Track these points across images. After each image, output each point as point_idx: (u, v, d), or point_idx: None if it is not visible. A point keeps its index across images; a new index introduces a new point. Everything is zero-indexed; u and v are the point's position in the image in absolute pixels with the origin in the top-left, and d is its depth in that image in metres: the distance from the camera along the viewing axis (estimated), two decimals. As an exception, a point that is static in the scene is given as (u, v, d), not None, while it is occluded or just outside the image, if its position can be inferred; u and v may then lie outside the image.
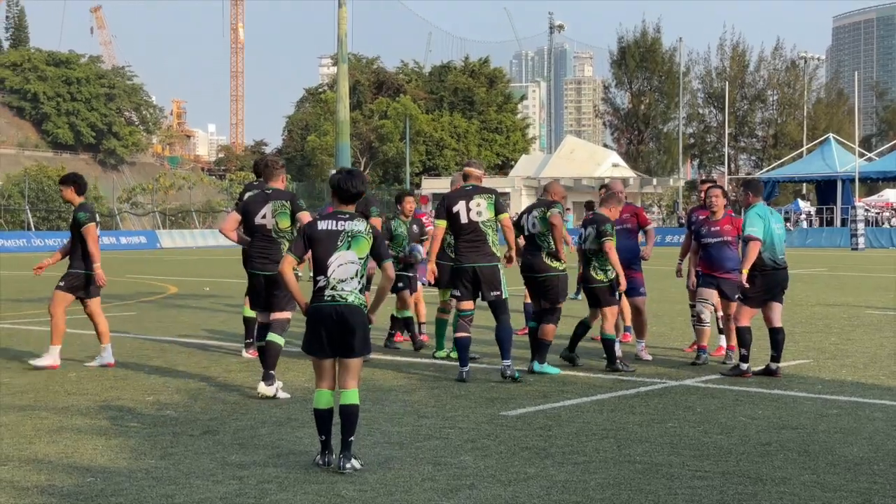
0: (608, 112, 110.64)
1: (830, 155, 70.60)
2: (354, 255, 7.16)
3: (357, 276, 7.16)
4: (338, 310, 7.09)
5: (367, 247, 7.20)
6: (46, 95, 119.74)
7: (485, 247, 10.89)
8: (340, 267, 7.13)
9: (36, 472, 7.03)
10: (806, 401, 9.89)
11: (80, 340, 14.40)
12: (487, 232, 10.90)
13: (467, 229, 10.90)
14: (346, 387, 7.16)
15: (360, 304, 7.15)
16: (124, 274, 32.28)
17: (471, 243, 10.90)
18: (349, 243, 7.17)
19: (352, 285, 7.13)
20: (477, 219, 10.87)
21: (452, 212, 10.95)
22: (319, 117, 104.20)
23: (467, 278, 10.93)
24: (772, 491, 6.60)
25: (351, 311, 7.09)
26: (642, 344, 12.72)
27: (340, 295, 7.11)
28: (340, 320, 7.07)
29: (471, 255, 10.89)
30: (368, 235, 7.22)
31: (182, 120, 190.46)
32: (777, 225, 11.40)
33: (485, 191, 11.05)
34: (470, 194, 10.99)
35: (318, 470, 7.07)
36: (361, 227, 7.22)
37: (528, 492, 6.56)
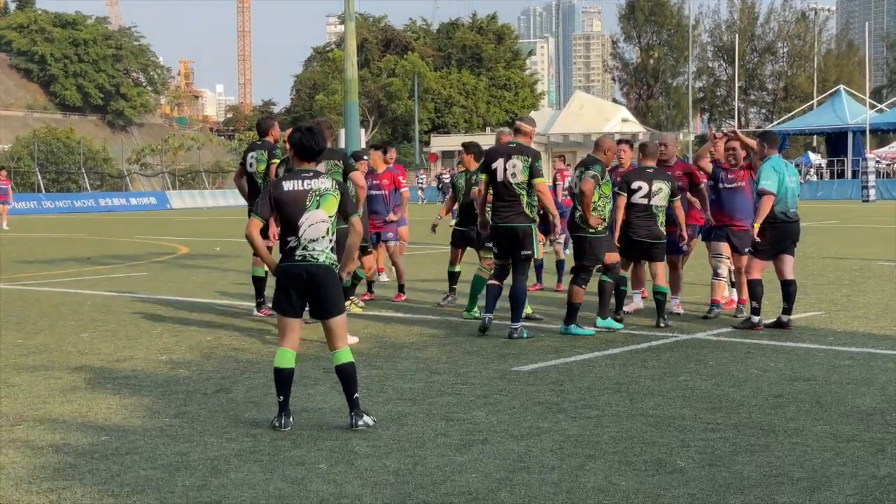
0: (617, 67, 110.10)
1: (841, 107, 70.24)
2: (324, 213, 7.07)
3: (328, 234, 7.09)
4: (308, 269, 7.02)
5: (335, 204, 7.11)
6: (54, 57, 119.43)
7: (518, 206, 10.75)
8: (312, 227, 7.05)
9: (50, 431, 7.06)
10: (818, 352, 9.88)
11: (91, 301, 14.44)
12: (521, 193, 10.74)
13: (501, 188, 10.80)
14: (337, 347, 7.12)
15: (330, 264, 7.09)
16: (134, 235, 32.34)
17: (505, 202, 10.80)
18: (318, 202, 7.07)
19: (322, 244, 7.06)
20: (511, 180, 10.73)
21: (491, 168, 10.88)
22: (328, 76, 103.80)
23: (501, 237, 10.89)
24: (784, 442, 6.61)
25: (322, 270, 7.04)
26: (677, 299, 12.58)
27: (311, 255, 7.04)
28: (311, 280, 7.02)
29: (504, 213, 10.81)
30: (335, 192, 7.13)
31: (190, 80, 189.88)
32: (791, 178, 11.34)
33: (524, 151, 10.83)
34: (510, 153, 10.80)
35: (331, 427, 7.09)
36: (328, 184, 7.14)
37: (541, 446, 6.57)
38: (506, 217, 10.80)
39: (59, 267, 20.40)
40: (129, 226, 39.23)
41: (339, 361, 7.11)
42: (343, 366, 7.09)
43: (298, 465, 6.21)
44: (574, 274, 11.16)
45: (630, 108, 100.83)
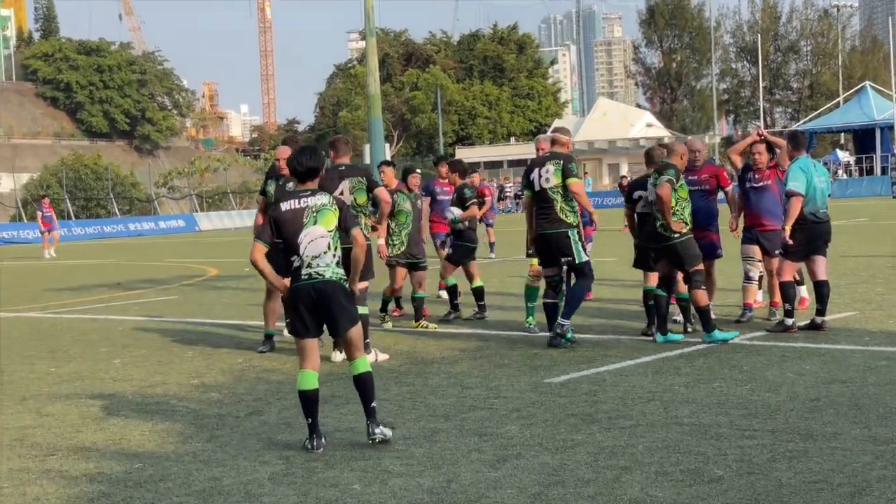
0: (640, 72, 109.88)
1: (867, 103, 69.67)
2: (323, 228, 7.09)
3: (330, 249, 7.09)
4: (315, 287, 7.03)
5: (333, 219, 7.13)
6: (79, 84, 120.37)
7: (552, 213, 10.81)
8: (311, 243, 7.07)
9: (84, 459, 7.06)
10: (854, 354, 9.76)
11: (122, 326, 14.48)
12: (555, 198, 10.79)
13: (539, 197, 10.91)
14: (354, 357, 7.17)
15: (337, 279, 7.09)
16: (164, 258, 32.47)
17: (542, 210, 10.90)
18: (315, 218, 7.10)
19: (326, 260, 7.06)
20: (546, 185, 10.81)
21: (530, 180, 11.01)
22: (350, 92, 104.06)
23: (542, 245, 10.99)
24: (823, 447, 6.51)
25: (329, 286, 7.04)
26: None
27: (317, 272, 7.04)
28: (319, 297, 7.03)
29: (541, 222, 10.90)
30: (333, 207, 7.16)
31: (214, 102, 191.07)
32: (820, 178, 11.21)
33: (557, 156, 10.93)
34: (544, 161, 10.93)
35: (364, 446, 7.05)
36: (325, 200, 7.17)
37: (576, 459, 6.51)
38: (541, 225, 10.89)
39: (89, 293, 20.49)
40: (159, 249, 39.41)
41: (357, 371, 7.14)
42: (359, 375, 7.12)
43: (332, 486, 6.18)
44: (688, 282, 10.89)
45: (654, 113, 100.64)
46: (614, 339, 11.20)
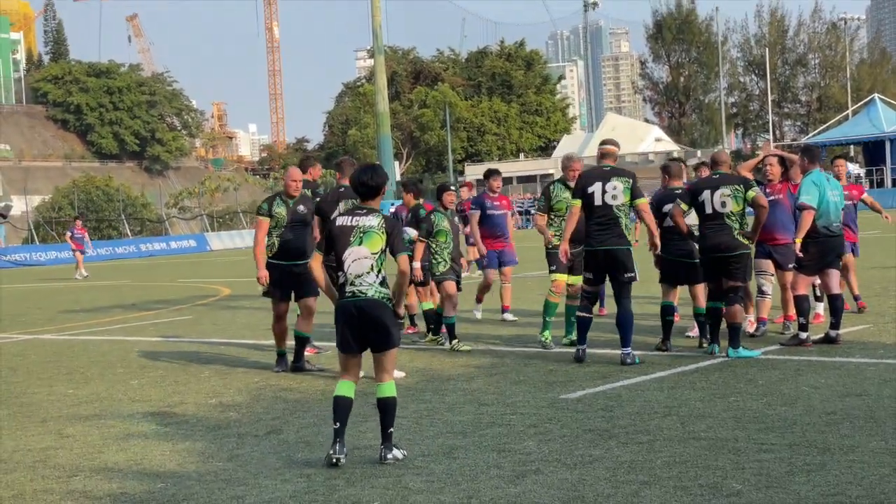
0: (647, 87, 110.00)
1: (877, 115, 69.66)
2: (367, 250, 7.20)
3: (373, 270, 7.19)
4: (357, 304, 7.16)
5: (379, 242, 7.21)
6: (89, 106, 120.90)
7: (617, 229, 10.67)
8: (355, 262, 7.20)
9: (107, 480, 7.13)
10: (869, 367, 9.79)
11: (139, 347, 14.56)
12: (620, 216, 10.67)
13: (600, 212, 10.68)
14: (381, 381, 7.25)
15: (381, 298, 7.17)
16: (177, 278, 32.59)
17: (602, 226, 10.68)
18: (361, 238, 7.22)
19: (369, 279, 7.17)
20: (612, 202, 10.65)
21: (587, 192, 10.73)
22: (359, 110, 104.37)
23: (598, 260, 10.77)
24: (840, 460, 6.55)
25: (371, 304, 7.15)
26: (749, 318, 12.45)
27: (359, 290, 7.17)
28: (361, 315, 7.15)
29: (603, 237, 10.69)
30: (381, 231, 7.23)
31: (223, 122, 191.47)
32: (833, 192, 11.28)
33: (623, 174, 10.83)
34: (608, 176, 10.73)
35: (384, 463, 7.10)
36: (374, 222, 7.25)
37: (594, 474, 6.55)
38: (603, 240, 10.69)
39: (105, 315, 20.59)
40: (171, 270, 39.54)
41: (382, 394, 7.21)
42: (384, 400, 7.20)
43: (354, 503, 6.22)
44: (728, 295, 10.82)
45: (663, 127, 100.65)
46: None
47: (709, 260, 10.95)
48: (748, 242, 10.87)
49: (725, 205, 10.77)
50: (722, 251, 10.80)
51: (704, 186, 10.97)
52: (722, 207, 10.77)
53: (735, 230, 10.77)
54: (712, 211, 10.83)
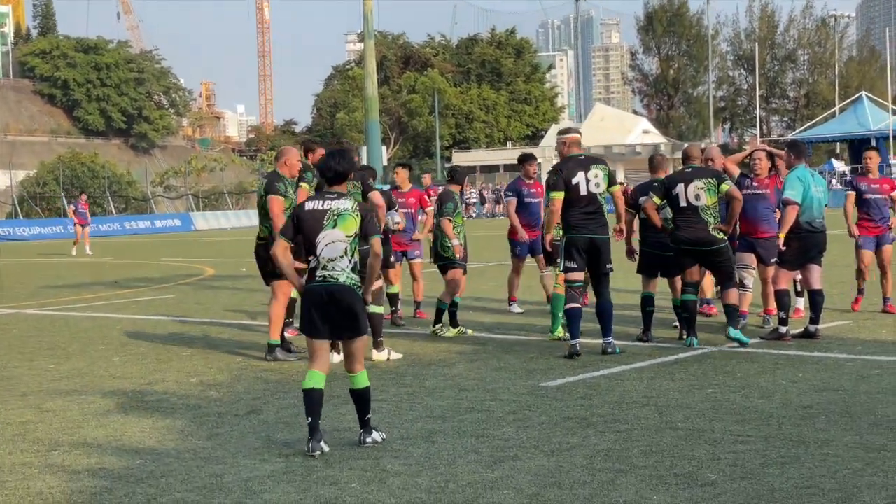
0: (637, 79, 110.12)
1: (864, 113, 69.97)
2: (341, 233, 7.10)
3: (346, 254, 7.10)
4: (328, 289, 7.06)
5: (353, 224, 7.13)
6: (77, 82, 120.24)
7: (602, 218, 10.61)
8: (328, 246, 7.09)
9: (86, 455, 7.15)
10: (846, 362, 9.88)
11: (121, 324, 14.56)
12: (603, 203, 10.63)
13: (585, 200, 10.56)
14: (353, 371, 7.16)
15: (351, 284, 7.10)
16: (160, 257, 32.54)
17: (589, 214, 10.57)
18: (335, 221, 7.11)
19: (342, 264, 7.08)
20: (595, 190, 10.56)
21: (572, 183, 10.56)
22: (348, 94, 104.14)
23: (583, 248, 10.61)
24: (815, 453, 6.62)
25: (342, 290, 7.06)
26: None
27: (331, 275, 7.07)
28: (332, 300, 7.05)
29: (590, 225, 10.58)
30: (355, 213, 7.15)
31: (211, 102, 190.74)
32: (818, 188, 11.36)
33: (599, 161, 10.85)
34: (587, 164, 10.65)
35: (363, 446, 7.13)
36: (348, 205, 7.16)
37: (572, 461, 6.61)
38: (590, 228, 10.59)
39: (87, 291, 20.56)
40: (155, 248, 39.47)
41: (354, 386, 7.16)
42: (357, 391, 7.14)
43: (332, 484, 6.27)
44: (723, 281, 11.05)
45: (651, 120, 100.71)
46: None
47: (682, 252, 11.00)
48: (723, 236, 10.93)
49: (699, 198, 10.83)
50: (700, 245, 10.87)
51: (678, 180, 11.01)
52: (696, 200, 10.84)
53: (710, 224, 10.83)
54: (686, 204, 10.88)
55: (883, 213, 13.13)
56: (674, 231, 11.08)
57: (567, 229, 10.70)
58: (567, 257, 10.72)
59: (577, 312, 10.63)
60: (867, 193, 13.02)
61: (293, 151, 11.47)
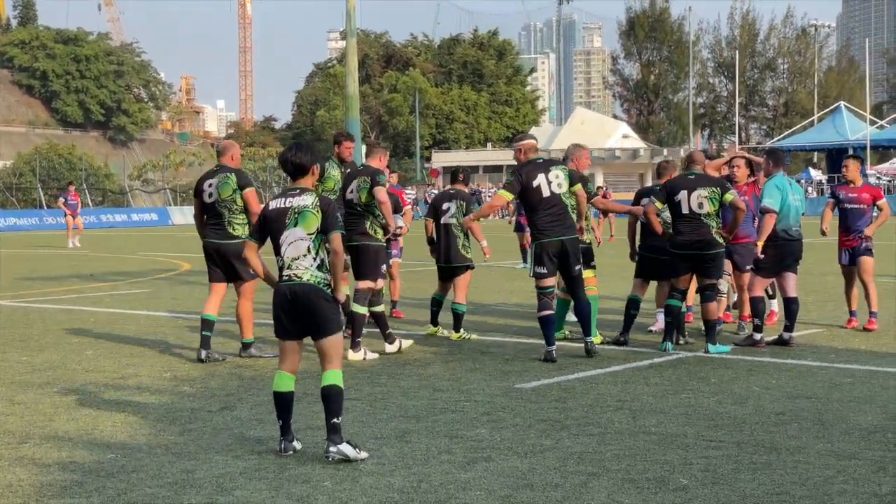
0: (617, 83, 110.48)
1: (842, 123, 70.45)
2: (303, 231, 6.91)
3: (310, 252, 6.90)
4: (292, 289, 6.87)
5: (315, 221, 6.91)
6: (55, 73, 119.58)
7: (567, 219, 10.51)
8: (291, 245, 6.92)
9: (57, 448, 7.10)
10: (819, 370, 9.92)
11: (95, 318, 14.48)
12: (568, 203, 10.54)
13: (549, 203, 10.47)
14: (324, 369, 6.94)
15: (317, 282, 6.88)
16: (136, 251, 32.40)
17: (555, 217, 10.47)
18: (296, 220, 6.93)
19: (305, 263, 6.89)
20: (558, 191, 10.48)
21: (532, 186, 10.48)
22: (329, 92, 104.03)
23: (554, 252, 10.50)
24: (787, 460, 6.64)
25: (307, 289, 6.86)
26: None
27: (295, 274, 6.89)
28: (295, 300, 6.86)
29: (557, 227, 10.46)
30: (316, 209, 6.93)
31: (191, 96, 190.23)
32: (795, 196, 11.41)
33: (557, 162, 10.83)
34: (546, 166, 10.59)
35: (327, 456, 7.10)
36: (308, 201, 6.95)
37: (545, 464, 6.61)
38: (557, 231, 10.47)
39: (61, 284, 20.45)
40: (131, 242, 39.30)
41: (324, 383, 6.89)
42: (326, 388, 6.86)
43: (304, 482, 6.25)
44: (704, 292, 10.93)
45: (631, 124, 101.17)
46: (577, 347, 11.28)
47: (682, 256, 10.92)
48: (722, 241, 10.92)
49: (702, 206, 10.76)
50: (700, 248, 10.80)
51: (681, 186, 10.90)
52: (699, 208, 10.76)
53: (713, 228, 10.81)
54: (689, 211, 10.79)
55: (856, 224, 12.78)
56: (674, 236, 11.02)
57: (535, 234, 10.62)
58: (537, 262, 10.62)
59: (551, 319, 10.57)
60: (844, 203, 12.87)
61: (237, 146, 11.39)
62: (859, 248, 12.74)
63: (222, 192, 10.84)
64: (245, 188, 10.80)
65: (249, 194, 10.80)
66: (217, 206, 10.88)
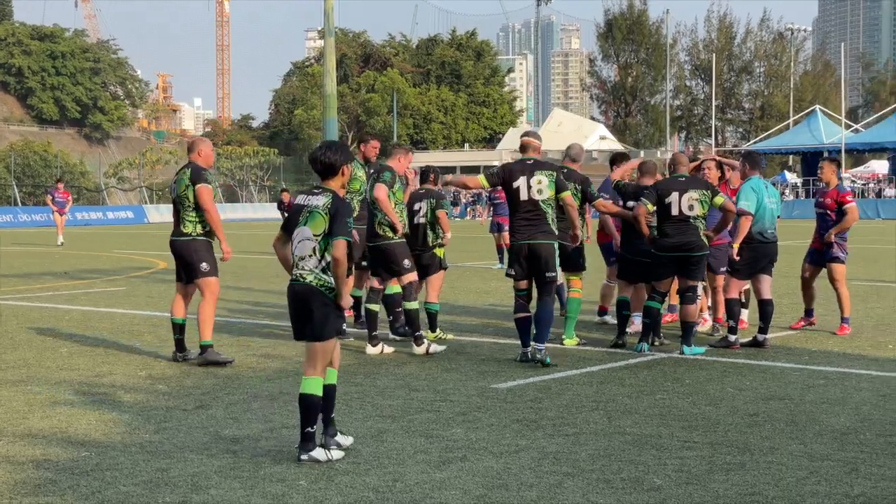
0: (595, 85, 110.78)
1: (817, 126, 70.84)
2: (310, 231, 6.86)
3: (315, 253, 6.84)
4: (295, 289, 6.87)
5: (322, 224, 6.84)
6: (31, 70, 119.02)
7: (543, 224, 10.30)
8: (300, 244, 6.90)
9: (31, 446, 7.07)
10: (793, 372, 9.99)
11: (69, 316, 14.41)
12: (547, 210, 10.31)
13: (525, 206, 10.32)
14: (305, 374, 6.84)
15: (318, 285, 6.82)
16: (112, 249, 32.25)
17: (528, 220, 10.32)
18: (306, 219, 6.91)
19: (310, 264, 6.85)
20: (537, 197, 10.28)
21: (512, 187, 10.36)
22: (306, 91, 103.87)
23: (524, 256, 10.37)
24: (760, 460, 6.69)
25: (306, 290, 6.82)
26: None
27: (301, 274, 6.87)
28: (296, 300, 6.86)
29: (528, 231, 10.31)
30: (325, 212, 6.85)
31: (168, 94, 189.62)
32: (770, 199, 11.48)
33: (546, 167, 10.48)
34: (531, 169, 10.37)
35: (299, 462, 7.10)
36: (321, 202, 6.89)
37: (520, 463, 6.63)
38: (527, 234, 10.32)
39: (36, 281, 20.33)
40: (107, 240, 39.12)
41: (302, 389, 6.80)
42: (304, 395, 6.77)
43: (279, 481, 6.24)
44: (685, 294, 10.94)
45: (608, 126, 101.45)
46: (560, 348, 11.34)
47: (668, 259, 10.93)
48: (707, 243, 10.97)
49: (693, 208, 10.78)
50: (688, 250, 10.81)
51: (672, 188, 10.88)
52: (689, 210, 10.78)
53: (701, 230, 10.86)
54: (679, 213, 10.80)
55: (821, 229, 12.75)
56: (660, 239, 11.02)
57: (510, 235, 10.67)
58: (510, 264, 10.66)
59: (526, 321, 10.53)
60: (816, 207, 12.92)
61: (208, 142, 10.91)
62: (827, 254, 12.67)
63: (178, 187, 10.47)
64: (196, 183, 10.33)
65: (201, 189, 10.30)
66: (175, 202, 10.56)
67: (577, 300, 11.69)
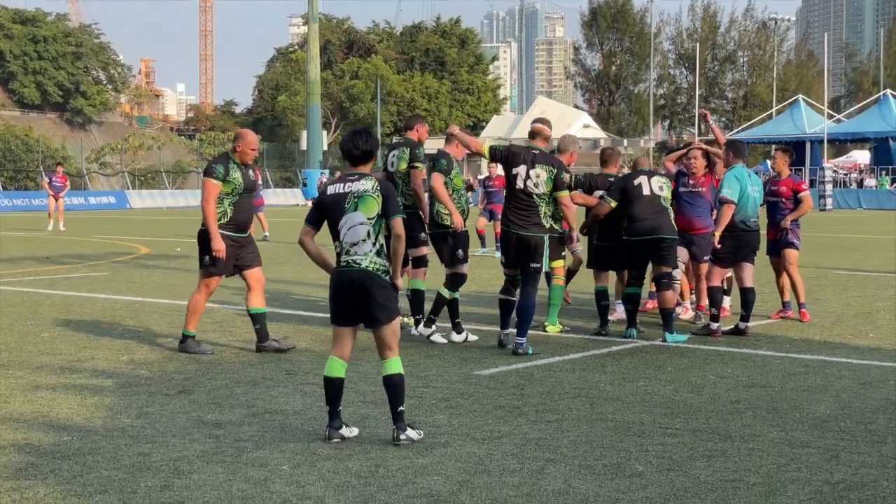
0: (579, 73, 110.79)
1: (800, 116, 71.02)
2: (363, 215, 6.83)
3: (369, 237, 6.83)
4: (350, 276, 6.81)
5: (375, 206, 6.85)
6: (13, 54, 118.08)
7: (534, 216, 10.18)
8: (350, 230, 6.85)
9: (12, 430, 7.05)
10: (774, 360, 10.03)
11: (51, 301, 14.36)
12: (540, 204, 10.20)
13: (520, 195, 10.23)
14: (384, 357, 6.92)
15: (375, 269, 6.80)
16: (94, 234, 32.12)
17: (519, 210, 10.22)
18: (356, 204, 6.86)
19: (364, 248, 6.82)
20: (533, 189, 10.18)
21: (511, 171, 10.26)
22: (290, 77, 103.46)
23: (511, 244, 10.34)
24: (741, 447, 6.72)
25: (364, 276, 6.78)
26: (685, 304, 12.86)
27: (354, 260, 6.82)
28: (353, 287, 6.80)
29: (518, 221, 10.22)
30: (376, 194, 6.86)
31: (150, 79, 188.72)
32: (753, 188, 11.52)
33: (549, 161, 10.28)
34: (534, 161, 10.21)
35: (294, 429, 7.12)
36: (368, 185, 6.88)
37: (502, 450, 6.64)
38: (517, 224, 10.24)
39: (17, 266, 20.24)
40: (89, 225, 38.95)
41: (386, 372, 6.88)
42: (388, 377, 6.87)
43: (261, 466, 6.24)
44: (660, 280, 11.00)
45: (592, 114, 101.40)
46: (543, 336, 11.36)
47: (640, 243, 11.00)
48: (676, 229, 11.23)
49: (662, 189, 11.17)
50: (660, 233, 10.94)
51: (639, 173, 11.34)
52: (659, 191, 11.13)
53: (671, 214, 11.06)
54: (650, 193, 11.07)
55: (775, 217, 12.83)
56: (631, 224, 11.09)
57: (502, 221, 10.66)
58: (502, 251, 10.82)
59: (508, 304, 10.64)
60: (768, 196, 12.91)
61: (250, 136, 10.68)
62: (781, 240, 12.77)
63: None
64: (203, 175, 10.56)
65: (203, 183, 10.44)
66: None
67: (560, 287, 11.76)
